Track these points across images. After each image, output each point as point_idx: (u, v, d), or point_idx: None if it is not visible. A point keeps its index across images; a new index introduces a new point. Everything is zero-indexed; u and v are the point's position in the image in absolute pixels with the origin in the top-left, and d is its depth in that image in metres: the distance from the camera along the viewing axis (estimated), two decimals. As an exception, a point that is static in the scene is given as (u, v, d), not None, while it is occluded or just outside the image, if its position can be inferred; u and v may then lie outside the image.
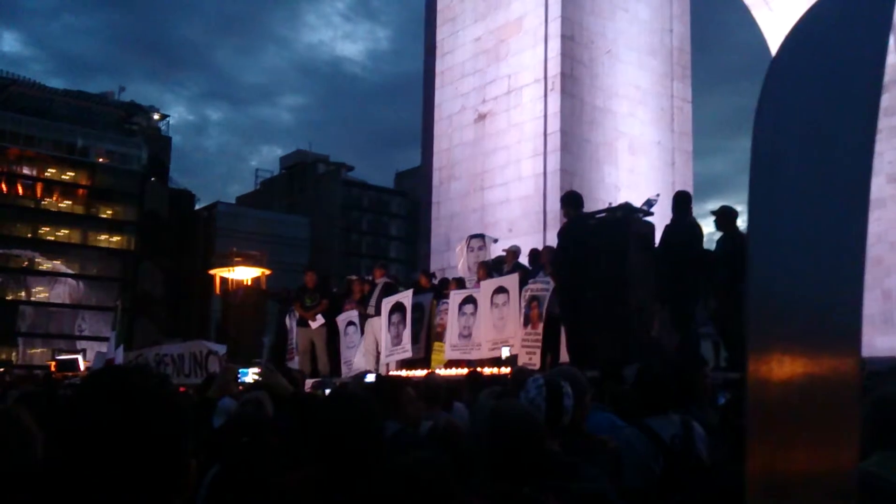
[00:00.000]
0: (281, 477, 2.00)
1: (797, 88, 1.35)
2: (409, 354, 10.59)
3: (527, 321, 9.10)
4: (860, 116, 1.25)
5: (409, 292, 11.02)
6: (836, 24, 1.35)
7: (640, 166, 13.87)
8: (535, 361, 8.68)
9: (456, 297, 10.33)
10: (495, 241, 12.34)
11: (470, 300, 10.09)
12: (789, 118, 1.33)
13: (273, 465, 2.29)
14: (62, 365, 17.60)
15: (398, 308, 10.85)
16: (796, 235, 1.29)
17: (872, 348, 12.46)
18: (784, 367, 1.26)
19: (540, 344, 8.86)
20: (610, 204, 10.05)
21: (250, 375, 5.91)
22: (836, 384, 1.24)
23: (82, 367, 17.66)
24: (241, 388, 6.63)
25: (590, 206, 10.77)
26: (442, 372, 9.15)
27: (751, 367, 1.29)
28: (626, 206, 8.62)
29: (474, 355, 9.75)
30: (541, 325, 8.89)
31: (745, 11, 20.44)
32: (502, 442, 2.18)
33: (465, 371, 8.90)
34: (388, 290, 11.52)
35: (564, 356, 8.63)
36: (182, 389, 7.78)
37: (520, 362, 8.68)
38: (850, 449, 1.24)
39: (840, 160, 1.25)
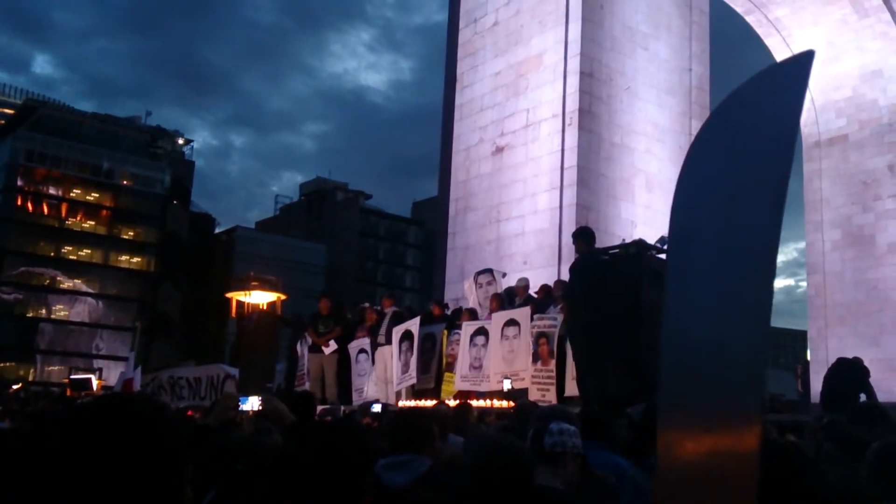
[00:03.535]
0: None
1: (712, 169, 1.41)
2: (413, 381, 10.57)
3: (535, 358, 9.06)
4: (769, 198, 1.30)
5: (417, 320, 11.04)
6: (753, 109, 1.41)
7: (657, 203, 13.86)
8: (550, 398, 8.61)
9: (468, 328, 10.32)
10: (504, 275, 12.31)
11: (482, 332, 10.07)
12: (704, 198, 1.39)
13: (267, 493, 2.31)
14: (76, 384, 17.71)
15: (407, 336, 10.86)
16: (705, 320, 1.34)
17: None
18: (690, 441, 1.29)
19: (554, 381, 8.81)
20: (623, 240, 10.04)
21: (250, 403, 5.91)
22: (736, 459, 1.27)
23: (95, 386, 17.76)
24: (251, 413, 6.64)
25: (605, 242, 10.77)
26: (452, 403, 9.10)
27: (660, 440, 1.33)
28: (640, 243, 8.61)
29: (484, 387, 9.70)
30: (552, 362, 8.84)
31: (766, 52, 20.53)
32: (487, 473, 2.18)
33: (474, 403, 8.85)
34: (397, 320, 11.54)
35: (572, 391, 8.57)
36: (189, 413, 7.81)
37: (531, 398, 8.62)
38: None
39: (746, 245, 1.31)
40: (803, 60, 1.45)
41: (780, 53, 19.88)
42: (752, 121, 1.41)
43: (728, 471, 1.28)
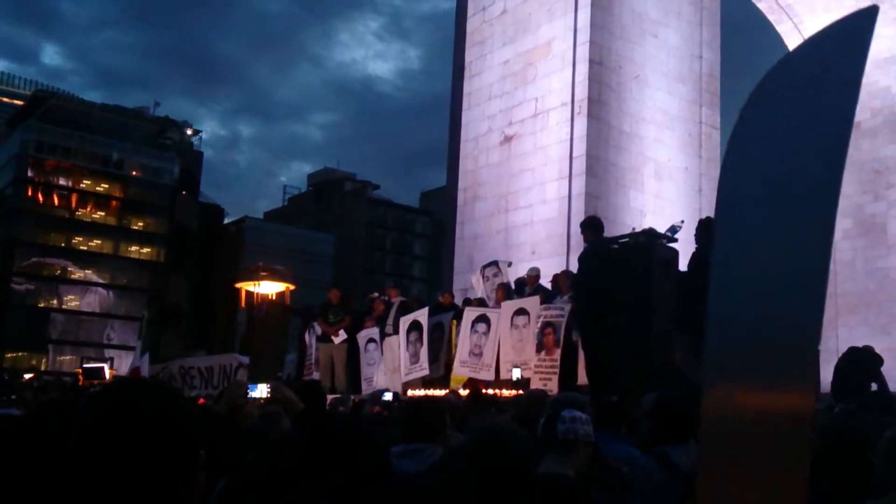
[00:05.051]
0: (286, 495, 2.01)
1: (765, 137, 1.37)
2: (426, 373, 10.59)
3: (540, 347, 9.05)
4: (826, 163, 1.26)
5: (426, 310, 11.04)
6: (807, 78, 1.37)
7: (667, 192, 13.80)
8: (552, 388, 8.61)
9: (469, 314, 10.32)
10: (510, 264, 12.30)
11: (483, 319, 10.07)
12: (756, 161, 1.35)
13: (278, 481, 2.32)
14: (88, 373, 17.84)
15: (415, 327, 10.88)
16: (757, 274, 1.30)
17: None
18: (739, 401, 1.26)
19: (557, 370, 8.80)
20: (633, 229, 10.00)
21: (259, 391, 5.92)
22: (790, 420, 1.24)
23: (108, 375, 17.89)
24: (262, 402, 6.67)
25: (615, 231, 10.72)
26: (463, 392, 9.13)
27: (707, 400, 1.29)
28: (650, 232, 8.57)
29: (483, 375, 9.71)
30: (557, 352, 8.83)
31: (778, 38, 20.35)
32: (487, 461, 2.17)
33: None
34: (405, 309, 11.56)
35: (582, 380, 8.56)
36: (201, 401, 7.85)
37: (532, 387, 8.62)
38: (800, 483, 1.24)
39: (803, 205, 1.26)
40: (865, 17, 1.38)
41: (792, 40, 19.69)
42: (810, 82, 1.36)
43: (780, 434, 1.25)
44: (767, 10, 20.04)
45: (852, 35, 1.34)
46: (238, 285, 15.96)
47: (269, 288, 15.13)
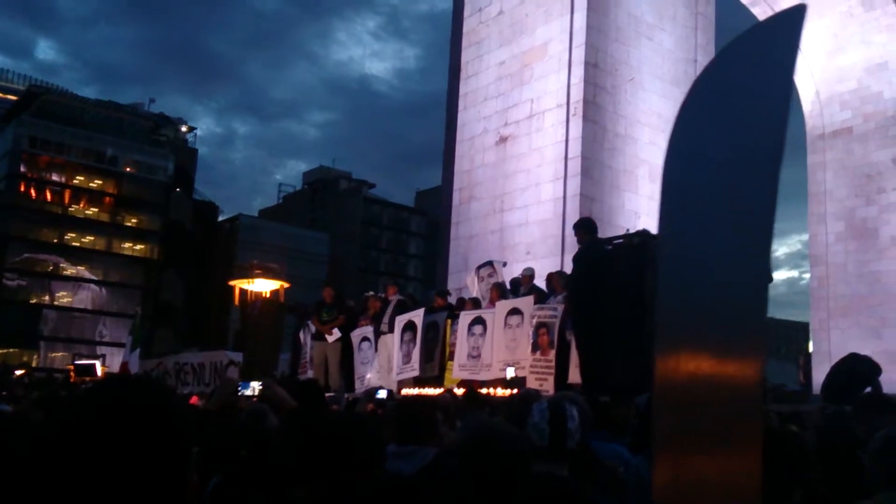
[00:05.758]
0: (280, 493, 2.02)
1: (708, 117, 1.40)
2: (416, 374, 10.61)
3: (535, 347, 9.08)
4: (767, 141, 1.29)
5: (422, 311, 11.05)
6: (744, 68, 1.40)
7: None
8: (548, 388, 8.64)
9: (465, 317, 10.35)
10: (504, 264, 12.32)
11: (479, 321, 10.10)
12: (699, 141, 1.38)
13: (272, 479, 2.32)
14: (80, 370, 17.79)
15: (410, 327, 10.89)
16: (705, 240, 1.33)
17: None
18: (689, 365, 1.28)
19: (552, 371, 8.83)
20: (627, 230, 10.04)
21: (251, 388, 5.91)
22: (739, 386, 1.26)
23: (100, 372, 17.84)
24: (255, 399, 6.67)
25: (609, 233, 10.76)
26: (459, 391, 9.14)
27: (657, 369, 1.31)
28: (644, 233, 8.62)
29: (483, 375, 9.74)
30: (552, 353, 8.85)
31: (772, 42, 20.41)
32: (481, 461, 2.17)
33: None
34: (401, 308, 11.57)
35: (574, 379, 8.59)
36: (195, 399, 7.85)
37: (527, 386, 8.65)
38: (754, 452, 1.25)
39: (747, 177, 1.29)
40: (794, 16, 1.41)
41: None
42: (744, 78, 1.39)
43: (732, 396, 1.27)
44: (761, 15, 20.10)
45: (783, 31, 1.37)
46: (232, 283, 15.96)
47: (263, 286, 15.13)
